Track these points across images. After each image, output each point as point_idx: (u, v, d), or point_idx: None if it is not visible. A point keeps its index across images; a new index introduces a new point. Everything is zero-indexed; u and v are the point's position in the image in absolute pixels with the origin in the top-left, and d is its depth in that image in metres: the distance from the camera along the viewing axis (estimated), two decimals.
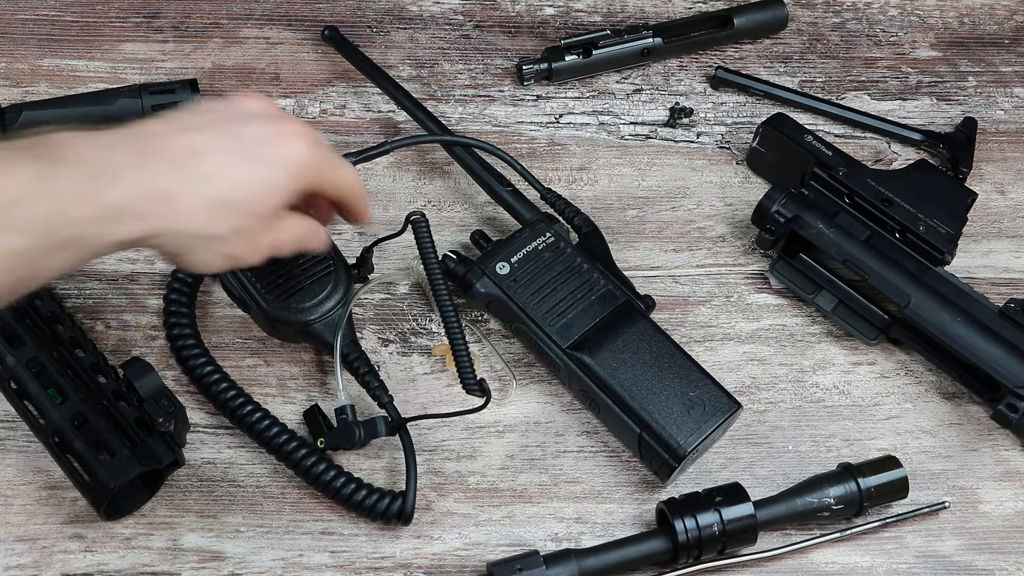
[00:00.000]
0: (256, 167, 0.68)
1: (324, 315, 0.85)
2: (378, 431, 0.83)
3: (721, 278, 0.97)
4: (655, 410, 0.83)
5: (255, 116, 0.71)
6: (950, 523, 0.86)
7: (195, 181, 0.66)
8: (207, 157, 0.67)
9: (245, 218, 0.68)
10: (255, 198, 0.68)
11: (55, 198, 0.61)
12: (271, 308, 0.85)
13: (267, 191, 0.69)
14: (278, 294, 0.85)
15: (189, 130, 0.68)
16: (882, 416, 0.91)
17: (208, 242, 0.68)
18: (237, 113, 0.71)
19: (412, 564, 0.82)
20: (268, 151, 0.69)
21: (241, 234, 0.69)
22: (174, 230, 0.66)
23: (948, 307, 0.89)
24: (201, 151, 0.67)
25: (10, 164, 0.61)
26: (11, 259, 0.60)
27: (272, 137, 0.70)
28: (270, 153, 0.69)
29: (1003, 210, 1.02)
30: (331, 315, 0.85)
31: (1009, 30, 1.14)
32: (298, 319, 0.85)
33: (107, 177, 0.63)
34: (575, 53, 1.05)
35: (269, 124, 0.71)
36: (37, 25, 1.05)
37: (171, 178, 0.65)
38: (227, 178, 0.67)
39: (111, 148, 0.64)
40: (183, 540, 0.81)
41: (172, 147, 0.66)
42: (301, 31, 1.07)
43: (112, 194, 0.63)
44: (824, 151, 0.97)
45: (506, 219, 0.95)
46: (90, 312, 0.90)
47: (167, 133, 0.67)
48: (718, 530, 0.80)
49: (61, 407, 0.80)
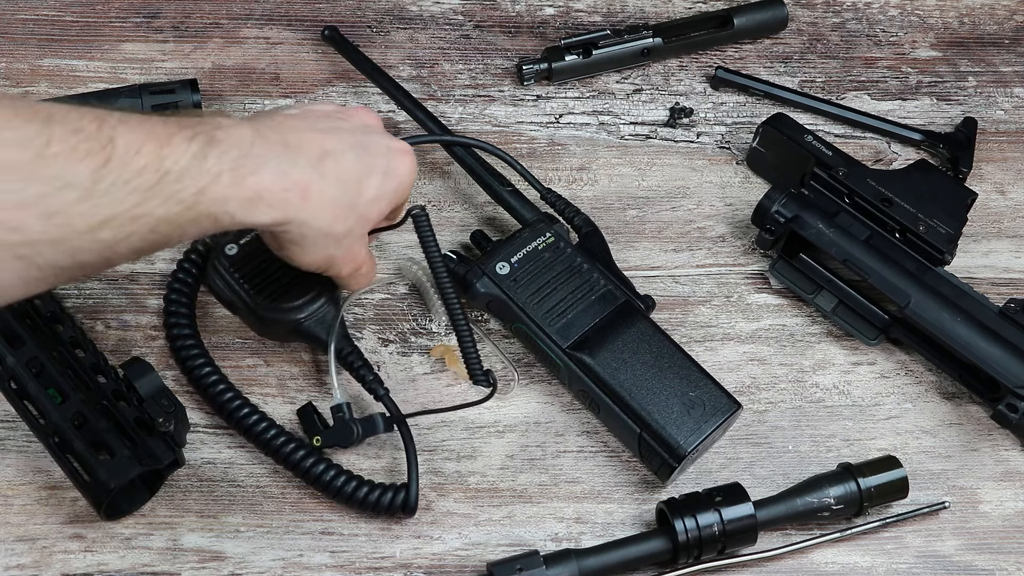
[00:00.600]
0: (376, 178, 0.75)
1: (314, 312, 0.85)
2: (376, 428, 0.83)
3: (721, 278, 0.97)
4: (655, 410, 0.83)
5: (372, 129, 0.78)
6: (950, 523, 0.86)
7: (328, 180, 0.72)
8: (339, 160, 0.73)
9: (359, 222, 0.75)
10: (371, 205, 0.75)
11: (206, 175, 0.65)
12: (261, 308, 0.85)
13: (378, 200, 0.76)
14: (267, 294, 0.85)
15: (321, 132, 0.74)
16: (882, 416, 0.91)
17: (325, 239, 0.74)
18: (357, 124, 0.77)
19: (412, 564, 0.82)
20: (387, 164, 0.76)
21: (351, 238, 0.75)
22: (301, 221, 0.71)
23: (948, 307, 0.89)
24: (333, 154, 0.73)
25: (173, 136, 0.65)
26: (159, 223, 0.64)
27: (388, 152, 0.77)
28: (388, 166, 0.76)
29: (1003, 210, 1.02)
30: (321, 312, 0.85)
31: (1009, 30, 1.14)
32: (289, 318, 0.85)
33: (253, 163, 0.68)
34: (575, 53, 1.05)
35: (384, 139, 0.77)
36: (37, 25, 1.05)
37: (308, 173, 0.71)
38: (354, 184, 0.74)
39: (260, 137, 0.69)
40: (183, 540, 0.81)
41: (309, 145, 0.72)
42: (301, 31, 1.07)
43: (255, 180, 0.68)
44: (824, 151, 0.97)
45: (506, 219, 0.96)
46: (90, 312, 0.90)
47: (304, 129, 0.73)
48: (718, 530, 0.80)
49: (61, 407, 0.80)
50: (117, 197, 0.62)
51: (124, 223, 0.63)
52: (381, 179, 0.75)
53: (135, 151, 0.63)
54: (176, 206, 0.65)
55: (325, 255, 0.75)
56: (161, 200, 0.64)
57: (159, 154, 0.64)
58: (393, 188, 0.77)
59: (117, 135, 0.62)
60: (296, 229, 0.72)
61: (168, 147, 0.64)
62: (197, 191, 0.65)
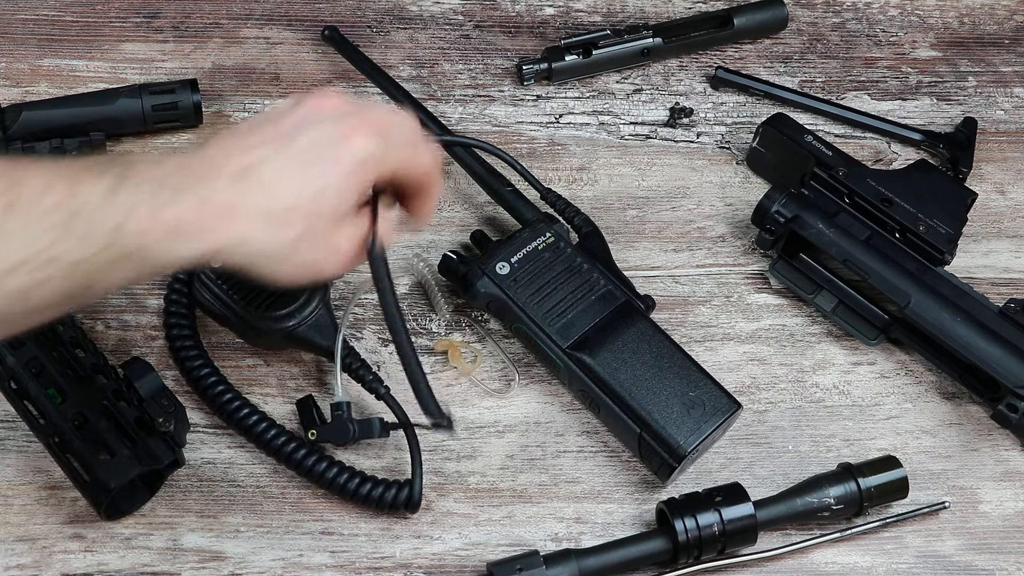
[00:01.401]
0: (311, 171, 0.68)
1: (307, 317, 0.85)
2: (373, 431, 0.83)
3: (721, 278, 0.97)
4: (655, 410, 0.83)
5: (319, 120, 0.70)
6: (950, 523, 0.86)
7: (250, 194, 0.66)
8: (261, 171, 0.67)
9: (310, 221, 0.68)
10: (316, 200, 0.68)
11: (119, 212, 0.62)
12: (253, 319, 0.84)
13: (325, 192, 0.68)
14: (258, 303, 0.84)
15: (243, 150, 0.68)
16: (882, 416, 0.91)
17: (277, 250, 0.68)
18: (298, 121, 0.70)
19: (412, 564, 0.82)
20: (325, 153, 0.68)
21: (311, 239, 0.68)
22: (236, 244, 0.66)
23: (948, 307, 0.89)
24: (254, 166, 0.67)
25: (85, 173, 0.63)
26: (73, 267, 0.62)
27: (330, 139, 0.69)
28: (327, 155, 0.68)
29: (1003, 210, 1.02)
30: (315, 316, 0.85)
31: (1009, 30, 1.14)
32: (282, 326, 0.84)
33: (166, 194, 0.64)
34: (575, 53, 1.05)
35: (329, 126, 0.69)
36: (37, 25, 1.05)
37: (229, 194, 0.66)
38: (283, 186, 0.67)
39: (180, 167, 0.66)
40: (183, 540, 0.81)
41: (227, 168, 0.67)
42: (301, 31, 1.07)
43: (173, 211, 0.64)
44: (824, 151, 0.97)
45: (506, 219, 0.96)
46: (90, 312, 0.90)
47: (220, 156, 0.68)
48: (718, 530, 0.80)
49: (61, 407, 0.80)
50: (27, 239, 0.60)
51: (37, 267, 0.60)
52: (317, 170, 0.68)
53: (44, 189, 0.61)
54: (92, 246, 0.62)
55: (293, 266, 0.69)
56: (75, 240, 0.61)
57: (70, 191, 0.62)
58: (340, 174, 0.68)
59: (27, 176, 0.61)
60: (237, 252, 0.67)
61: (80, 184, 0.62)
62: (113, 227, 0.62)
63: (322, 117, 0.70)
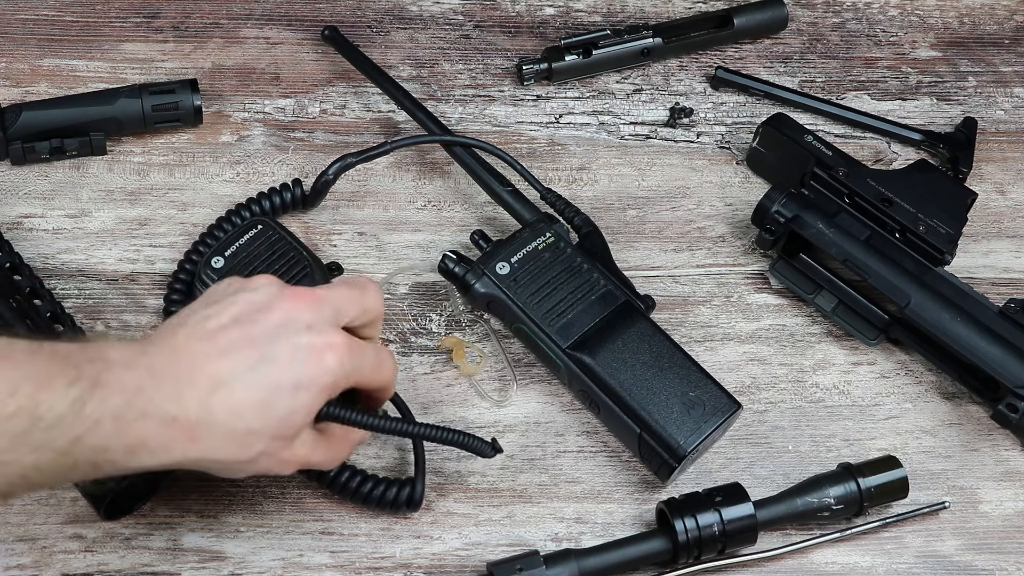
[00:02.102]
0: (283, 395, 0.68)
1: None
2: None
3: (721, 278, 0.97)
4: (655, 410, 0.83)
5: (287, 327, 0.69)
6: (950, 523, 0.86)
7: (220, 415, 0.66)
8: (233, 387, 0.67)
9: (271, 443, 0.68)
10: (281, 424, 0.68)
11: (84, 422, 0.62)
12: None
13: (292, 416, 0.68)
14: None
15: (217, 354, 0.67)
16: (882, 416, 0.91)
17: (233, 465, 0.69)
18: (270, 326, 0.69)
19: (412, 564, 0.82)
20: (298, 374, 0.68)
21: (268, 455, 0.69)
22: (195, 460, 0.67)
23: (948, 307, 0.89)
24: (226, 383, 0.66)
25: (54, 379, 0.62)
26: (29, 471, 0.62)
27: (306, 354, 0.68)
28: (300, 377, 0.68)
29: (1003, 210, 1.02)
30: None
31: (1009, 30, 1.14)
32: None
33: (137, 409, 0.64)
34: (575, 53, 1.05)
35: (302, 336, 0.69)
36: (37, 25, 1.05)
37: (196, 413, 0.65)
38: (251, 411, 0.67)
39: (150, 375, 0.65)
40: (183, 540, 0.81)
41: (199, 377, 0.66)
42: (301, 31, 1.07)
43: (138, 428, 0.64)
44: (824, 151, 0.97)
45: (506, 219, 0.96)
46: (90, 312, 0.90)
47: (199, 354, 0.67)
48: (718, 530, 0.80)
49: None
50: None
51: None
52: (290, 395, 0.67)
53: (8, 393, 0.60)
54: (49, 453, 0.61)
55: (244, 473, 0.71)
56: (30, 448, 0.61)
57: (34, 398, 0.60)
58: (310, 396, 0.68)
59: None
60: (194, 464, 0.67)
61: (46, 391, 0.61)
62: (73, 439, 0.62)
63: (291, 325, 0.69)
